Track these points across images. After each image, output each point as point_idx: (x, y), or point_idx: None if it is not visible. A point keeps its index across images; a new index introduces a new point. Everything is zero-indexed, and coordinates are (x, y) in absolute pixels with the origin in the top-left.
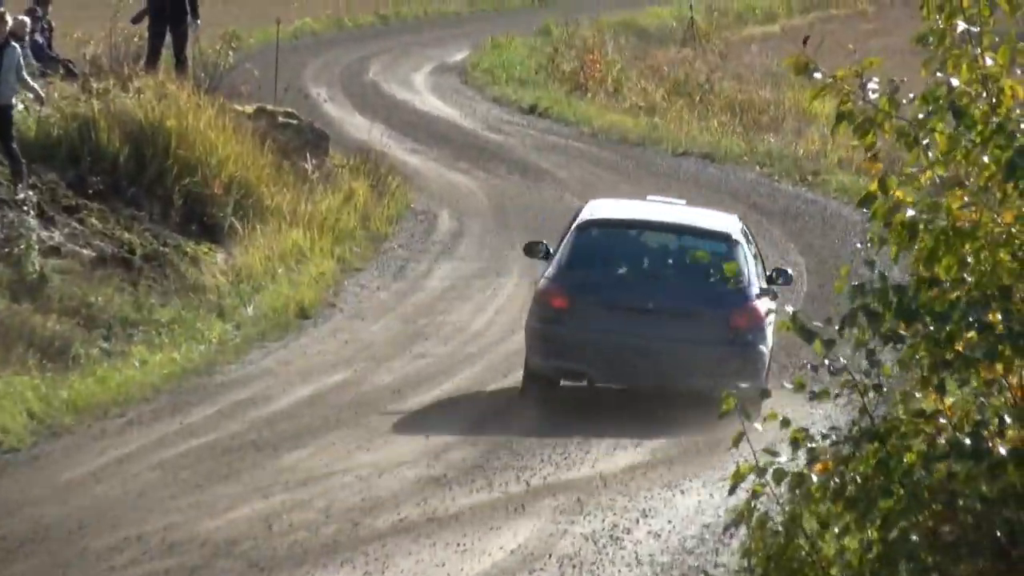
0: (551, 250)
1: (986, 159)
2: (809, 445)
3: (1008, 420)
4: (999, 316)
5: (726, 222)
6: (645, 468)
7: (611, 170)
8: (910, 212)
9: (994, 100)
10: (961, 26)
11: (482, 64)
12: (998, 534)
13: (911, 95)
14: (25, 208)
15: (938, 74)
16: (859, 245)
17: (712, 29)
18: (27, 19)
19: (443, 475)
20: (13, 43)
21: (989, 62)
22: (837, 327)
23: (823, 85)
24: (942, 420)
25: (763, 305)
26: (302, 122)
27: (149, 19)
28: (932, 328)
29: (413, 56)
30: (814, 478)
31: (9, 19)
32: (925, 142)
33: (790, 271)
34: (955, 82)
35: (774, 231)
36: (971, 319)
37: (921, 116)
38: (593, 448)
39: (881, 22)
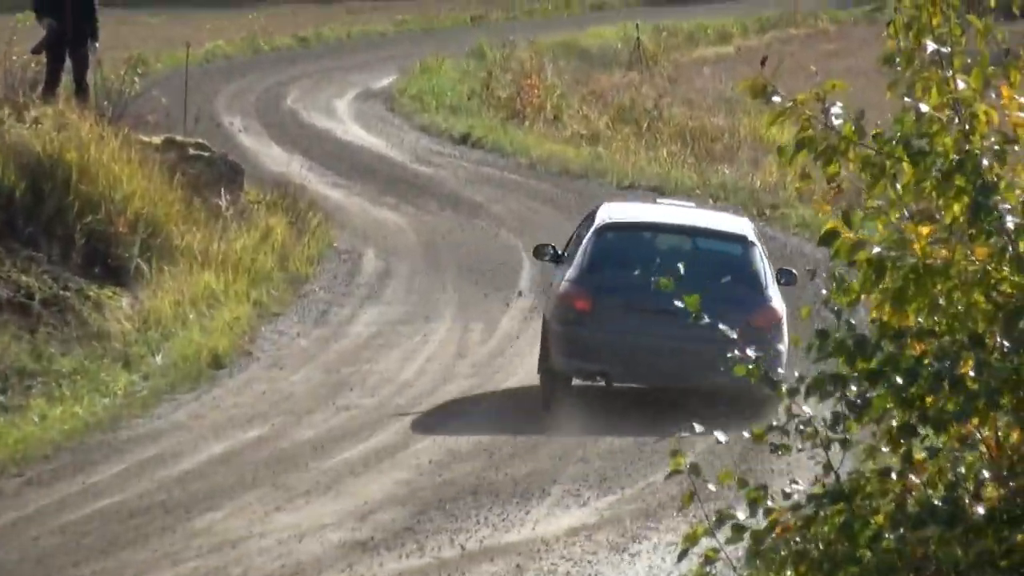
0: (560, 252)
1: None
2: (768, 504)
3: (986, 475)
4: (970, 369)
5: (740, 224)
6: (590, 530)
7: (551, 204)
8: (876, 249)
9: (967, 126)
10: (931, 46)
11: (410, 90)
12: None
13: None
14: None
15: (905, 99)
16: (823, 292)
17: (660, 50)
18: None
19: (370, 538)
20: None
21: (961, 85)
22: (803, 391)
23: (782, 110)
24: (912, 478)
25: (780, 305)
26: (214, 154)
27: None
28: (900, 383)
29: (335, 81)
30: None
31: None
32: (893, 173)
33: (794, 271)
34: (924, 107)
35: None
36: (941, 376)
37: (890, 141)
38: (534, 508)
39: (844, 42)
